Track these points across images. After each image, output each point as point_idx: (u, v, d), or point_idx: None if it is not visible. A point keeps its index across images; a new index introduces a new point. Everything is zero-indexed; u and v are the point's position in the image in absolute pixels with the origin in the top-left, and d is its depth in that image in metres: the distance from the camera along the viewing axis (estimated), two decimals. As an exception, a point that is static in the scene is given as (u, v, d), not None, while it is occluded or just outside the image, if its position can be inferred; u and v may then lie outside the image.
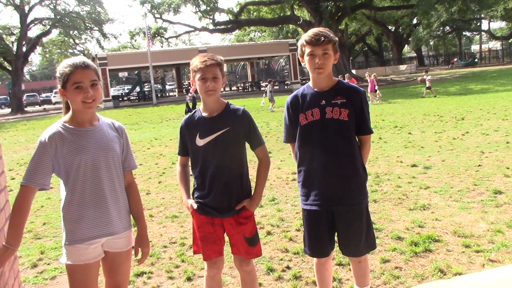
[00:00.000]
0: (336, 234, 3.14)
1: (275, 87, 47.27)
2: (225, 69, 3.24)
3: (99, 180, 2.56)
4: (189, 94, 24.56)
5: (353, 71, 51.47)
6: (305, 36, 2.97)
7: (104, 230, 2.58)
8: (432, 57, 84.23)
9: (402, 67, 60.83)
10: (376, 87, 23.39)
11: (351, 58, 67.27)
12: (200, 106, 3.12)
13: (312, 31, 2.97)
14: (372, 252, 4.14)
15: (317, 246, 3.13)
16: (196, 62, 2.97)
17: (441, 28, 68.98)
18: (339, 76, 23.80)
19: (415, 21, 60.59)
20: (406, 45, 77.95)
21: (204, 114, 3.06)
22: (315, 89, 3.06)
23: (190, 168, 3.25)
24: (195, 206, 3.06)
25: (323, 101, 3.00)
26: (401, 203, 6.05)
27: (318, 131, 3.00)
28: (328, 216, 3.05)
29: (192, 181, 3.20)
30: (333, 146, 2.99)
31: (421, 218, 5.37)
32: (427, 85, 24.19)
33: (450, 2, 40.85)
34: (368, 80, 24.24)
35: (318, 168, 3.02)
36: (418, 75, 48.79)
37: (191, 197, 3.16)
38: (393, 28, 66.23)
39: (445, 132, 11.59)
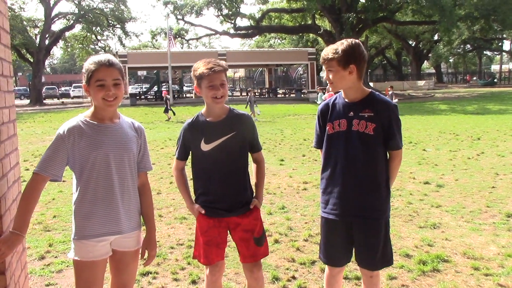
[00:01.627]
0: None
1: (291, 95, 47.37)
2: (242, 74, 3.26)
3: (112, 178, 2.57)
4: (166, 97, 24.70)
5: (371, 84, 51.32)
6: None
7: (112, 229, 2.59)
8: (451, 74, 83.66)
9: (420, 82, 60.46)
10: (395, 100, 22.95)
11: (369, 70, 67.08)
12: (202, 110, 3.11)
13: (326, 48, 3.02)
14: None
15: (331, 254, 3.12)
16: (201, 69, 2.93)
17: (462, 46, 68.43)
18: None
19: (436, 37, 60.23)
20: (425, 61, 77.50)
21: (209, 119, 3.05)
22: (346, 100, 3.06)
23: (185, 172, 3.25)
24: (202, 211, 3.05)
25: (351, 112, 2.99)
26: (412, 220, 6.00)
27: (343, 142, 2.99)
28: (347, 227, 3.03)
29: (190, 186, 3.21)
30: (356, 158, 2.97)
31: (431, 236, 5.32)
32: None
33: (472, 20, 40.65)
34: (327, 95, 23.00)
35: (339, 178, 3.01)
36: (436, 92, 48.52)
37: (193, 202, 3.16)
38: (414, 43, 65.88)
39: (460, 151, 11.49)
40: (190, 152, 3.14)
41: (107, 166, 2.55)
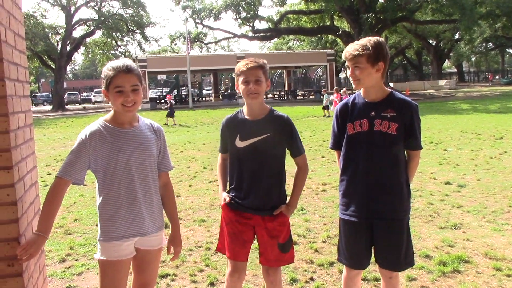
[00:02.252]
0: (373, 247, 3.08)
1: (311, 96, 47.25)
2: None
3: (134, 181, 2.62)
4: (167, 101, 24.73)
5: (391, 84, 50.90)
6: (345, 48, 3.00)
7: (136, 230, 2.65)
8: (473, 73, 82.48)
9: (442, 82, 59.79)
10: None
11: (389, 71, 66.52)
12: (243, 108, 3.13)
13: (350, 45, 2.97)
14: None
15: (354, 257, 3.08)
16: (239, 65, 3.01)
17: (484, 44, 67.47)
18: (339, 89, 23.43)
19: (457, 36, 59.51)
20: (446, 60, 76.58)
21: (247, 117, 3.08)
22: (366, 99, 3.01)
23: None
24: (227, 199, 3.09)
25: (373, 112, 2.94)
26: (432, 220, 5.92)
27: (365, 142, 2.96)
28: (367, 229, 3.00)
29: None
30: (378, 159, 2.94)
31: (451, 237, 5.24)
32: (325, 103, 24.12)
33: (494, 18, 40.04)
34: (335, 96, 22.72)
35: (361, 180, 2.97)
36: (458, 91, 47.90)
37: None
38: (434, 42, 65.20)
39: (482, 151, 11.30)
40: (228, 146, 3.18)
41: (128, 170, 2.60)
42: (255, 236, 3.15)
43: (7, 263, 2.33)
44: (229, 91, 54.91)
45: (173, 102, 24.72)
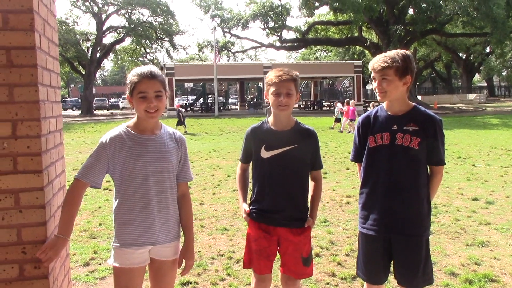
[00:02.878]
0: (392, 262, 3.05)
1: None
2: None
3: (150, 189, 2.62)
4: (179, 110, 24.71)
5: (419, 97, 50.33)
6: (372, 60, 2.97)
7: (147, 239, 2.64)
8: (504, 88, 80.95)
9: (471, 96, 58.85)
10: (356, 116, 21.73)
11: (417, 83, 65.82)
12: (269, 118, 3.14)
13: (377, 56, 2.95)
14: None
15: (371, 271, 3.05)
16: (271, 75, 3.00)
17: (516, 58, 66.22)
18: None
19: (488, 49, 58.57)
20: (476, 74, 75.38)
21: (273, 127, 3.07)
22: (389, 113, 2.99)
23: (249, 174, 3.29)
24: (247, 208, 3.09)
25: (395, 126, 2.92)
26: (458, 237, 5.81)
27: (386, 156, 2.93)
28: (385, 243, 2.96)
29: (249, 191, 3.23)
30: (399, 173, 2.91)
31: (478, 255, 5.13)
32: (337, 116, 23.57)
33: (527, 32, 39.26)
34: (346, 108, 22.42)
35: (381, 193, 2.95)
36: (488, 105, 47.08)
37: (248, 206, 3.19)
38: (464, 55, 64.24)
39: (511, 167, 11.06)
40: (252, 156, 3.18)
41: (145, 177, 2.60)
42: (278, 248, 3.14)
43: (34, 265, 2.37)
44: (255, 100, 55.06)
45: (183, 110, 24.77)
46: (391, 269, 3.07)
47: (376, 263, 3.02)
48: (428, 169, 3.01)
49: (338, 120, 23.92)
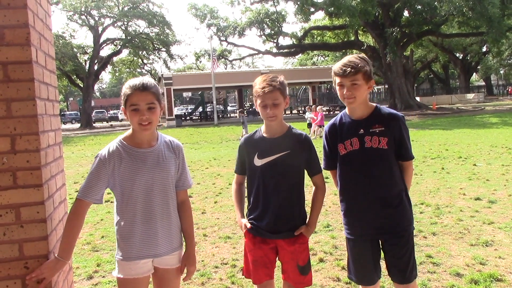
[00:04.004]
0: (383, 260, 3.09)
1: (336, 112, 47.02)
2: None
3: (151, 201, 2.62)
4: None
5: (417, 98, 50.36)
6: (334, 66, 2.97)
7: (150, 251, 2.64)
8: (502, 86, 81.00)
9: (469, 96, 58.89)
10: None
11: (415, 85, 65.87)
12: (262, 126, 3.13)
13: (342, 61, 2.94)
14: (425, 284, 3.97)
15: (363, 274, 3.09)
16: (256, 86, 2.98)
17: (513, 56, 66.36)
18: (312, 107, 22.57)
19: (484, 49, 58.69)
20: (474, 73, 75.50)
21: (265, 135, 3.07)
22: (352, 118, 3.03)
23: (245, 187, 3.27)
24: (248, 225, 3.06)
25: (361, 130, 2.96)
26: (462, 237, 5.79)
27: (358, 160, 2.97)
28: (374, 245, 3.02)
29: (245, 201, 3.21)
30: (374, 174, 2.95)
31: (483, 255, 5.11)
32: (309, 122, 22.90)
33: (523, 30, 39.36)
34: (313, 114, 22.05)
35: (361, 198, 3.00)
36: (486, 105, 47.10)
37: (245, 217, 3.17)
38: (461, 55, 64.40)
39: (513, 165, 11.04)
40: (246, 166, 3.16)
41: (145, 190, 2.61)
42: (277, 256, 3.12)
43: (37, 280, 2.36)
44: (253, 107, 55.11)
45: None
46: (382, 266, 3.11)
47: (366, 264, 3.06)
48: (399, 165, 3.04)
49: (310, 125, 23.60)
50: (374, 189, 2.95)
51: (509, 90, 68.50)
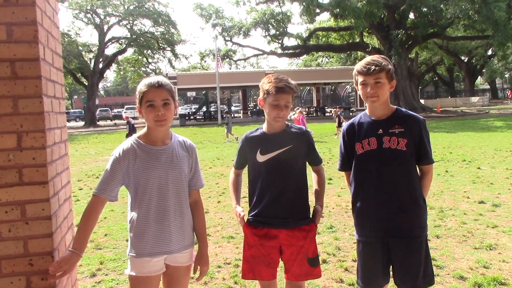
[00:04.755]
0: (391, 266, 3.03)
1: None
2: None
3: (165, 198, 2.66)
4: (128, 121, 24.55)
5: (422, 101, 50.27)
6: (357, 65, 2.97)
7: (163, 248, 2.67)
8: (507, 90, 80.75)
9: (474, 99, 58.74)
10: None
11: (420, 87, 65.76)
12: (263, 125, 3.15)
13: (365, 60, 2.95)
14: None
15: (371, 278, 3.04)
16: (269, 85, 2.97)
17: (518, 60, 66.15)
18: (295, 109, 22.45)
19: (490, 52, 58.54)
20: (479, 77, 75.29)
21: (267, 132, 3.10)
22: (372, 118, 3.01)
23: (242, 179, 3.33)
24: (242, 213, 3.06)
25: (380, 130, 2.93)
26: (466, 240, 5.77)
27: (375, 161, 2.94)
28: (383, 248, 2.96)
29: (243, 197, 3.21)
30: (390, 176, 2.91)
31: (486, 258, 5.09)
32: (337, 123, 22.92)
33: (528, 33, 39.26)
34: (296, 117, 21.50)
35: (374, 199, 2.95)
36: (491, 108, 46.97)
37: (241, 205, 3.18)
38: (466, 58, 64.24)
39: (517, 169, 11.01)
40: (247, 162, 3.19)
41: (159, 187, 2.64)
42: (281, 257, 3.11)
43: (41, 277, 2.36)
44: (257, 107, 55.14)
45: (132, 121, 24.82)
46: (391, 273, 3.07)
47: (375, 270, 3.01)
48: (418, 169, 3.01)
49: None
50: (388, 191, 2.91)
51: (509, 93, 68.36)
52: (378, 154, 2.93)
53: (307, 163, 3.21)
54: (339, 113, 24.55)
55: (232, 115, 54.11)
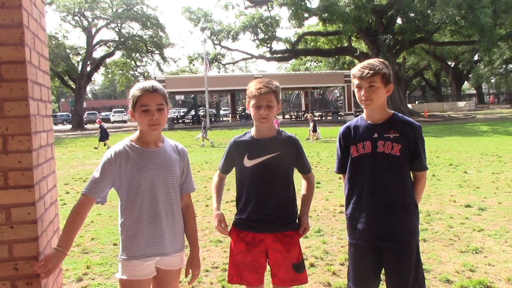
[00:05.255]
0: (383, 271, 3.04)
1: (328, 117, 47.21)
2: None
3: (156, 201, 2.65)
4: (100, 125, 24.64)
5: (409, 106, 50.61)
6: (354, 68, 2.98)
7: (156, 250, 2.67)
8: (493, 95, 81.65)
9: (461, 103, 59.26)
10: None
11: (407, 92, 66.19)
12: (252, 129, 3.14)
13: (362, 63, 2.97)
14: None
15: (361, 282, 3.04)
16: (251, 88, 2.99)
17: (504, 65, 66.83)
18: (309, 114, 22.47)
19: (476, 57, 59.12)
20: (466, 82, 75.98)
21: (255, 137, 3.09)
22: (368, 121, 3.01)
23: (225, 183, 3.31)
24: (216, 220, 3.06)
25: (376, 134, 2.94)
26: (452, 244, 5.81)
27: (369, 164, 2.94)
28: (375, 252, 2.96)
29: (227, 202, 3.20)
30: (383, 180, 2.92)
31: (472, 261, 5.13)
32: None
33: (514, 39, 39.72)
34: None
35: (366, 202, 2.95)
36: (477, 113, 47.43)
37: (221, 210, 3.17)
38: (453, 63, 64.80)
39: (503, 173, 11.12)
40: (234, 166, 3.18)
41: (151, 189, 2.64)
42: (267, 261, 3.11)
43: (26, 282, 2.34)
44: (246, 111, 55.16)
45: (105, 125, 24.95)
46: (382, 277, 3.07)
47: (366, 273, 3.01)
48: (412, 175, 3.02)
49: None
50: (380, 195, 2.92)
51: (490, 99, 69.16)
52: (371, 158, 2.93)
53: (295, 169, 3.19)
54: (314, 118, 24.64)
55: (221, 119, 54.21)
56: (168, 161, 2.72)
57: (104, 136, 24.12)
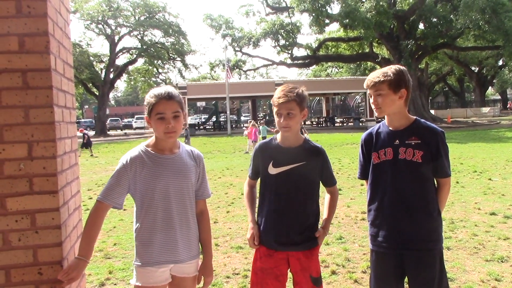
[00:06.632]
0: (406, 279, 3.00)
1: (349, 123, 46.97)
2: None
3: (171, 208, 2.64)
4: (84, 133, 24.79)
5: (432, 111, 50.05)
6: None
7: (170, 257, 2.65)
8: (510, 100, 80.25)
9: (485, 109, 58.38)
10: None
11: (430, 98, 65.51)
12: (277, 135, 3.12)
13: (371, 73, 2.98)
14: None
15: None
16: (275, 95, 2.97)
17: (529, 71, 65.73)
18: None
19: (500, 62, 58.23)
20: (490, 87, 74.87)
21: (281, 144, 3.06)
22: (390, 128, 2.99)
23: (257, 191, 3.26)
24: (250, 234, 3.03)
25: (397, 140, 2.92)
26: (477, 252, 5.71)
27: (390, 171, 2.91)
28: (397, 259, 2.92)
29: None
30: (405, 187, 2.88)
31: (498, 270, 5.03)
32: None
33: (540, 44, 39.04)
34: (249, 130, 22.02)
35: (388, 209, 2.92)
36: (502, 119, 46.63)
37: (257, 223, 3.11)
38: (477, 69, 63.93)
39: (529, 181, 10.90)
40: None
41: (166, 196, 2.62)
42: (289, 269, 3.08)
43: (50, 286, 2.37)
44: (267, 117, 55.27)
45: (88, 133, 25.32)
46: (406, 286, 3.02)
47: (388, 281, 2.97)
48: (435, 181, 2.98)
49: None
50: (402, 202, 2.88)
51: (509, 104, 67.98)
52: (393, 165, 2.91)
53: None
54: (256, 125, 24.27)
55: (242, 125, 54.29)
56: (183, 167, 2.70)
57: (87, 143, 24.68)
